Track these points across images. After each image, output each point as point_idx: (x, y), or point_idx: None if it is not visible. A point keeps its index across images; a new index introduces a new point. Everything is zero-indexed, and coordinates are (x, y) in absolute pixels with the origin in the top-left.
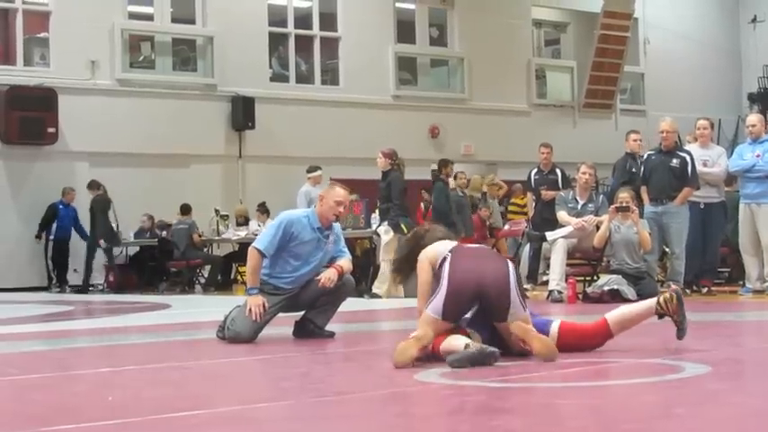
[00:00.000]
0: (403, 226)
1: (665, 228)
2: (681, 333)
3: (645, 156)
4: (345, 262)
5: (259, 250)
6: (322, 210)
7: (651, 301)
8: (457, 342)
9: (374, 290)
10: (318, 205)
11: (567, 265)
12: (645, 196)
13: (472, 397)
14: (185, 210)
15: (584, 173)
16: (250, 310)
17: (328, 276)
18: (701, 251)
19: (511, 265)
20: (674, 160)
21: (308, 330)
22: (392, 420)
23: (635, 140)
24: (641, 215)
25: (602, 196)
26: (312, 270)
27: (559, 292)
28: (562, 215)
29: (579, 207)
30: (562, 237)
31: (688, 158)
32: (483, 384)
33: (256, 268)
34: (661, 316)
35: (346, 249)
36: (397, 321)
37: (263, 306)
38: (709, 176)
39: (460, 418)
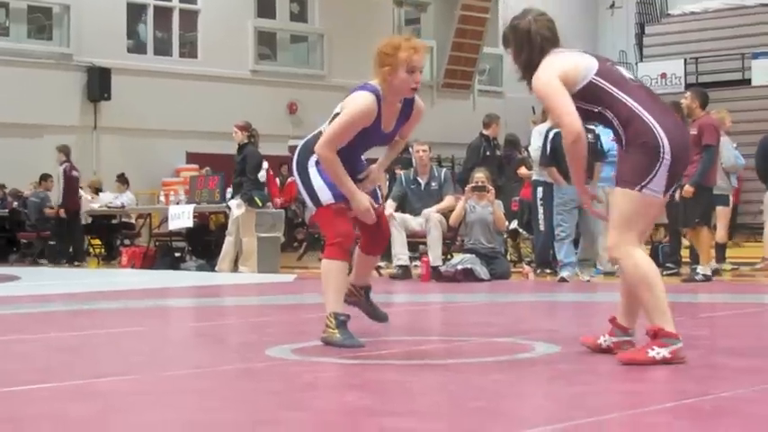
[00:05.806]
0: (257, 199)
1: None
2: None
3: (551, 134)
4: None
5: None
6: None
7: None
8: None
9: (240, 269)
10: None
11: (420, 243)
12: (558, 177)
13: (324, 373)
14: (42, 180)
15: (417, 151)
16: None
17: None
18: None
19: None
20: (590, 135)
21: None
22: (241, 396)
23: (498, 126)
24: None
25: (444, 171)
26: None
27: (402, 267)
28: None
29: (423, 187)
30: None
31: (599, 133)
32: (335, 361)
33: None
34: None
35: None
36: (248, 297)
37: None
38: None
39: (311, 393)
